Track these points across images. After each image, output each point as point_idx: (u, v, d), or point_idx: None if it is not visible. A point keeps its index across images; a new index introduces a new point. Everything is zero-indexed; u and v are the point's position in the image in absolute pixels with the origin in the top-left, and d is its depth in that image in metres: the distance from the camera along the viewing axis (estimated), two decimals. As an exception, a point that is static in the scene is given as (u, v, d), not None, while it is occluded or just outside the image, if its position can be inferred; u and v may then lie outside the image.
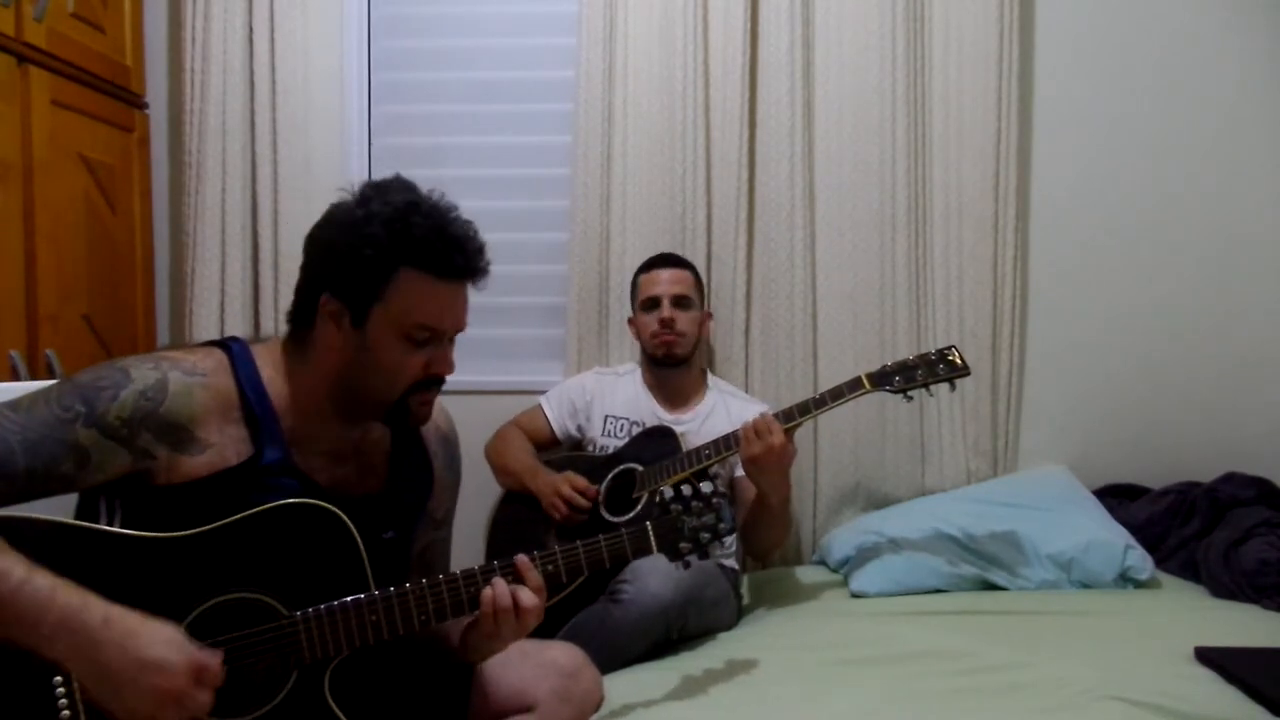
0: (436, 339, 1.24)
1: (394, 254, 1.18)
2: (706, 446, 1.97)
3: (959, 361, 1.92)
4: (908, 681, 1.58)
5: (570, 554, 1.31)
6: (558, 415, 2.31)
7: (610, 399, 2.27)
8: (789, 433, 1.87)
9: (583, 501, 2.01)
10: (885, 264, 2.47)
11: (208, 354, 1.23)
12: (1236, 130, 2.50)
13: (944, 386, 1.93)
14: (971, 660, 1.66)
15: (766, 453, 1.84)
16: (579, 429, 2.29)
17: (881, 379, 1.93)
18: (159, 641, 1.03)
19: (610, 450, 2.18)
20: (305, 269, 1.26)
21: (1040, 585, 2.07)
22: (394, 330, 1.20)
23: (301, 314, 1.26)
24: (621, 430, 2.21)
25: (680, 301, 2.21)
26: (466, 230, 1.23)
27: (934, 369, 1.92)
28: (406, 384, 1.23)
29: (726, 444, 1.93)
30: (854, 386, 1.93)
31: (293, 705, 1.17)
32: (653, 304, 2.22)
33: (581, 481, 2.04)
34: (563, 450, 2.33)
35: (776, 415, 1.89)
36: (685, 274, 2.25)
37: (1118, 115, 2.52)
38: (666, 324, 2.19)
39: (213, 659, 1.06)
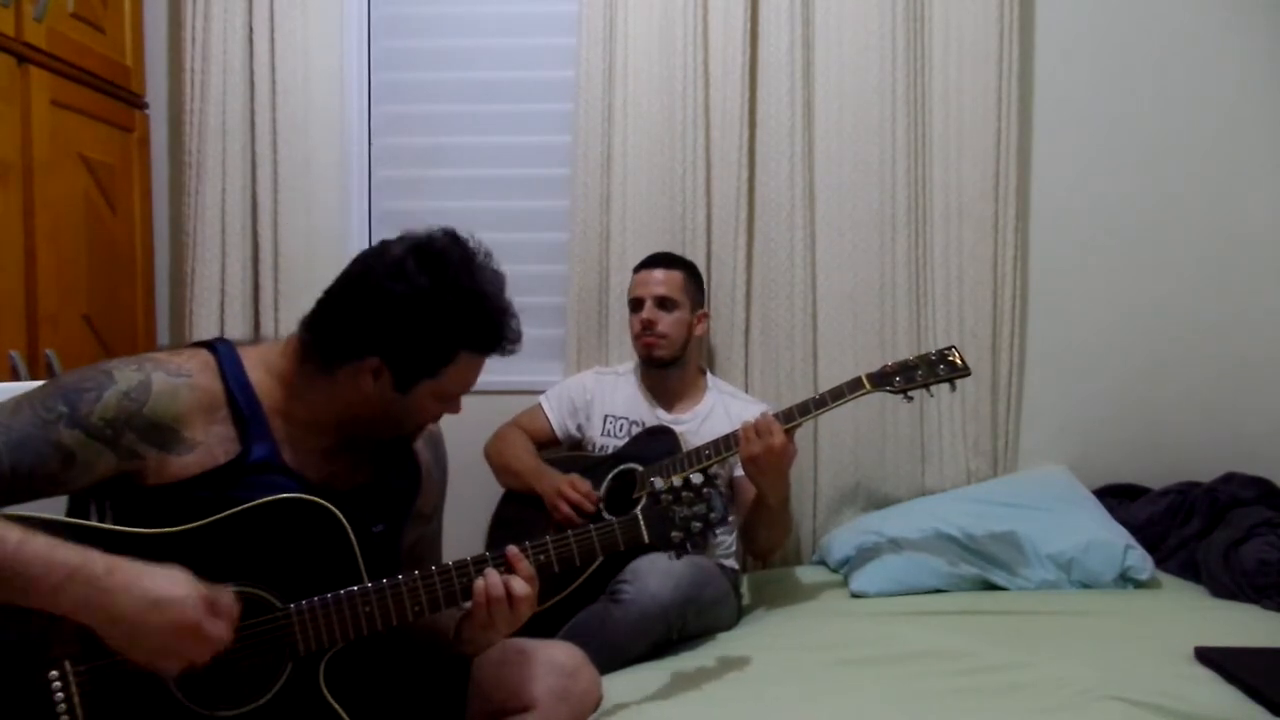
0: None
1: (458, 341, 1.23)
2: (707, 446, 1.96)
3: (959, 362, 1.92)
4: (908, 681, 1.57)
5: (561, 544, 1.32)
6: (558, 415, 2.31)
7: (610, 399, 2.27)
8: (789, 433, 1.87)
9: (588, 505, 2.01)
10: (885, 264, 2.47)
11: (193, 355, 1.23)
12: (1236, 130, 2.50)
13: (944, 387, 1.93)
14: (971, 660, 1.65)
15: (766, 452, 1.84)
16: (579, 428, 2.29)
17: (882, 379, 1.93)
18: (166, 579, 1.05)
19: (610, 450, 2.17)
20: (348, 315, 1.21)
21: (1040, 585, 2.07)
22: (434, 397, 1.26)
23: (332, 352, 1.22)
24: (621, 430, 2.21)
25: (664, 303, 2.19)
26: (509, 301, 1.27)
27: (934, 369, 1.92)
28: (421, 427, 1.34)
29: (727, 444, 1.93)
30: (854, 387, 1.93)
31: (288, 698, 1.18)
32: (637, 305, 2.22)
33: (585, 484, 2.03)
34: (563, 450, 2.32)
35: (776, 415, 1.89)
36: (675, 275, 2.23)
37: (1118, 115, 2.52)
38: (647, 326, 2.18)
39: (224, 592, 1.09)
